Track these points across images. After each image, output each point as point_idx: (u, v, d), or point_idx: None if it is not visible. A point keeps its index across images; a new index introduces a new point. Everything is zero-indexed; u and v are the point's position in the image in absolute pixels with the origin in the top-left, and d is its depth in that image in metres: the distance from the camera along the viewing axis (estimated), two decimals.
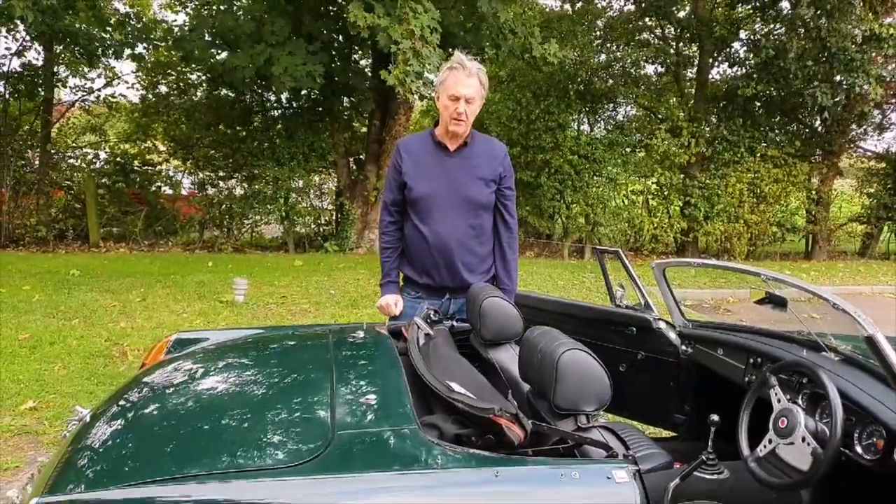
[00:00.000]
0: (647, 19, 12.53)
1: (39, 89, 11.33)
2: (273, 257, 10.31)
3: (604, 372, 1.89)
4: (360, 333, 2.61)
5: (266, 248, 11.60)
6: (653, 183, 12.38)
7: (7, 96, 11.18)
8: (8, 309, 5.93)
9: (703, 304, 8.79)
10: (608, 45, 12.80)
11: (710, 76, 12.71)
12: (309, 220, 11.79)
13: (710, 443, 2.65)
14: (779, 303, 2.64)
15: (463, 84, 2.56)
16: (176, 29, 10.26)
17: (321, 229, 11.91)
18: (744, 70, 12.14)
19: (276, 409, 1.92)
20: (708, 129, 12.04)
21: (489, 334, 2.55)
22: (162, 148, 12.16)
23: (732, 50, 12.32)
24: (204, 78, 11.45)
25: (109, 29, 10.18)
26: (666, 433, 3.40)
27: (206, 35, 9.56)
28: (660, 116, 12.46)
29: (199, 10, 10.49)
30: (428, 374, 2.04)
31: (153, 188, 12.01)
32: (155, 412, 1.95)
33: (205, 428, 1.79)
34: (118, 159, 11.97)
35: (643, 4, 12.10)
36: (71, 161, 12.12)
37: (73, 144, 12.26)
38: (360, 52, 11.14)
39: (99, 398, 3.88)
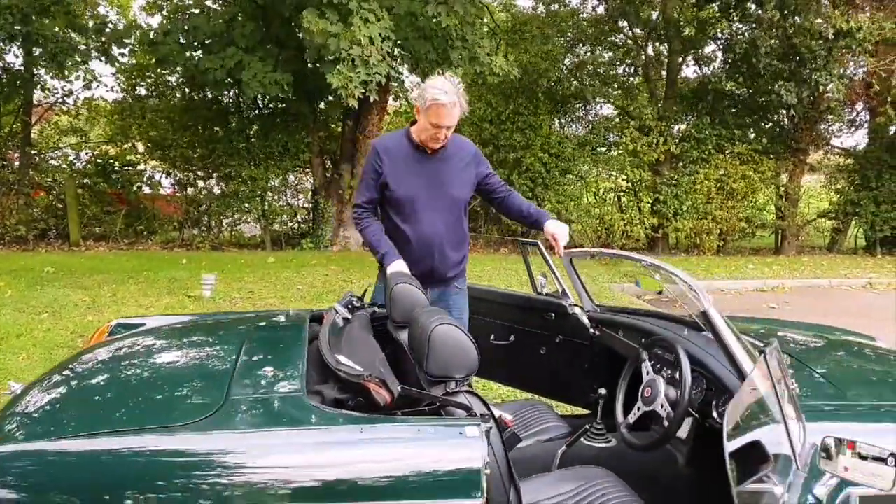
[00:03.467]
0: (618, 21, 12.79)
1: (19, 91, 11.50)
2: (248, 255, 10.53)
3: (471, 343, 2.12)
4: (282, 318, 2.85)
5: (245, 247, 11.82)
6: (623, 180, 12.65)
7: None
8: None
9: (660, 297, 9.04)
10: (578, 46, 13.05)
11: (682, 75, 13.00)
12: (286, 219, 12.02)
13: (598, 414, 2.91)
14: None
15: (446, 116, 2.72)
16: (151, 33, 10.43)
17: (299, 227, 12.14)
18: (713, 69, 12.42)
19: (184, 379, 2.18)
20: (676, 127, 12.32)
21: (398, 317, 2.79)
22: (141, 149, 12.35)
23: (701, 49, 12.60)
24: (181, 80, 11.64)
25: (83, 35, 10.33)
26: (583, 411, 3.65)
27: (181, 38, 9.77)
28: (631, 115, 12.74)
29: (171, 14, 10.65)
30: (326, 350, 2.28)
31: (134, 188, 12.21)
32: (77, 383, 2.20)
33: (117, 394, 2.06)
34: (99, 160, 12.17)
35: (611, 6, 12.38)
36: (52, 162, 12.34)
37: (54, 146, 12.45)
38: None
39: None
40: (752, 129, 13.25)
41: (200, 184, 12.15)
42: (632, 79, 13.48)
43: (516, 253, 12.19)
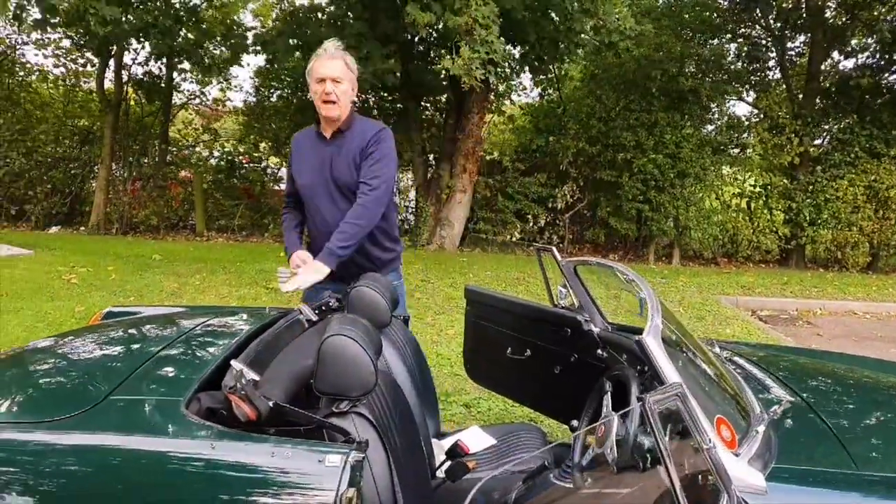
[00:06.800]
0: (751, 9, 11.56)
1: (160, 94, 12.64)
2: None
3: (368, 359, 1.86)
4: (244, 315, 2.75)
5: None
6: (751, 185, 11.47)
7: (134, 99, 12.62)
8: (84, 285, 6.73)
9: (781, 314, 8.04)
10: (700, 37, 11.93)
11: (824, 68, 11.52)
12: None
13: (573, 450, 2.52)
14: None
15: (325, 66, 2.63)
16: (265, 34, 11.00)
17: (402, 225, 12.24)
18: (863, 60, 10.89)
19: (88, 374, 2.13)
20: (816, 127, 10.95)
21: None
22: (263, 146, 13.12)
23: (849, 39, 11.09)
24: (296, 79, 12.18)
25: (214, 43, 11.15)
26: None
27: (290, 40, 10.19)
28: (762, 113, 11.50)
29: (282, 16, 11.15)
30: (243, 354, 2.12)
31: (259, 184, 13.01)
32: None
33: (24, 385, 2.06)
34: (228, 157, 13.10)
35: None
36: (188, 158, 13.50)
37: (190, 143, 13.59)
38: (432, 51, 11.28)
39: None
40: None
41: None
42: (767, 73, 12.13)
43: (627, 260, 11.45)
